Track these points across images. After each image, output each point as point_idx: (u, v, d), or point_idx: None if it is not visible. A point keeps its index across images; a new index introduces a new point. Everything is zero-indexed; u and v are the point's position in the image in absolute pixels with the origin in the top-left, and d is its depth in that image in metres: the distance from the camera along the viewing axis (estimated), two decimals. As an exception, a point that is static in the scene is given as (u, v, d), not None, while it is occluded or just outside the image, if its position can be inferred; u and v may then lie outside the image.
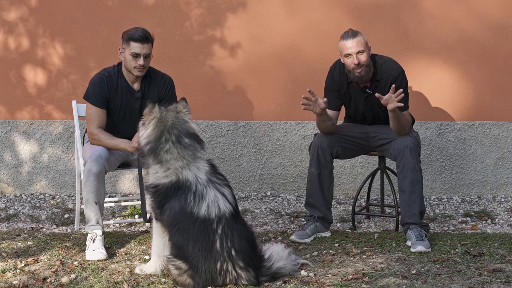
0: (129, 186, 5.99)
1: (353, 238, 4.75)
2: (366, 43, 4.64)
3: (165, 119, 3.89)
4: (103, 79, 4.64)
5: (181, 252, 3.79)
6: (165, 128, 3.87)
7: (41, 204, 5.75)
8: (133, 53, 4.55)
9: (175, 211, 3.79)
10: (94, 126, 4.61)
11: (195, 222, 3.76)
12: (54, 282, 3.94)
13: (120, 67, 4.69)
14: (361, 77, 4.64)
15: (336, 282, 3.84)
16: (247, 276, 3.79)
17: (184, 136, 3.87)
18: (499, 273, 3.95)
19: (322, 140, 4.76)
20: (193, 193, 3.79)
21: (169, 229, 3.86)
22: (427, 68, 5.72)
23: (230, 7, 5.79)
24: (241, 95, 5.87)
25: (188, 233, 3.77)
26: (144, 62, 4.57)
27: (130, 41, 4.56)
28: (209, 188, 3.81)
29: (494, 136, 5.78)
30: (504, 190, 5.79)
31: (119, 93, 4.65)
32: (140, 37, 4.55)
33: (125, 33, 4.63)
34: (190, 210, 3.77)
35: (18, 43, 5.89)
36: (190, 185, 3.79)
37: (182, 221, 3.77)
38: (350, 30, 4.68)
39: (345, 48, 4.63)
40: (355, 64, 4.60)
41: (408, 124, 4.70)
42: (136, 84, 4.68)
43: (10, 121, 5.95)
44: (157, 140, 3.86)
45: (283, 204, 5.72)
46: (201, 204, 3.77)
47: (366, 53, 4.62)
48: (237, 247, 3.77)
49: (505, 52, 5.69)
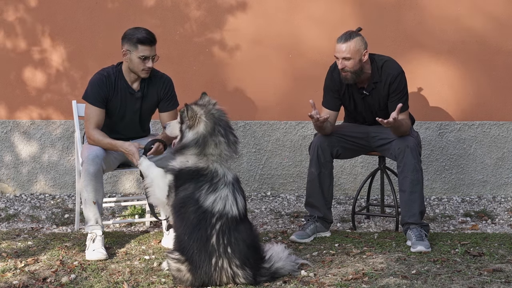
0: (129, 186, 5.99)
1: (353, 238, 4.75)
2: (357, 50, 4.57)
3: (210, 111, 3.92)
4: (102, 79, 4.63)
5: (179, 243, 3.83)
6: (216, 119, 3.90)
7: (41, 204, 5.75)
8: (142, 56, 4.53)
9: (186, 194, 3.83)
10: (92, 127, 4.59)
11: (197, 211, 3.78)
12: (54, 282, 3.94)
13: (120, 67, 4.68)
14: (347, 80, 4.66)
15: (336, 282, 3.84)
16: (244, 274, 3.79)
17: (230, 130, 3.95)
18: (499, 273, 3.95)
19: (322, 140, 4.76)
20: (211, 184, 3.81)
21: (174, 212, 3.89)
22: (427, 68, 5.72)
23: (230, 7, 5.79)
24: (241, 95, 5.87)
25: (187, 221, 3.79)
26: (152, 64, 4.58)
27: (139, 44, 4.52)
28: (226, 187, 3.84)
29: (494, 136, 5.78)
30: (504, 190, 5.79)
31: (119, 93, 4.64)
32: (148, 40, 4.53)
33: (130, 35, 4.56)
34: (197, 197, 3.80)
35: (18, 43, 5.89)
36: (216, 176, 3.83)
37: (186, 205, 3.81)
38: (347, 32, 4.65)
39: (335, 50, 4.65)
40: (340, 68, 4.62)
41: (408, 127, 4.68)
42: (136, 84, 4.67)
43: (10, 121, 5.95)
44: (211, 134, 3.88)
45: (283, 204, 5.72)
46: (210, 195, 3.80)
47: (352, 61, 4.58)
48: (234, 246, 3.77)
49: (505, 52, 5.69)
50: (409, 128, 4.70)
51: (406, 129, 4.65)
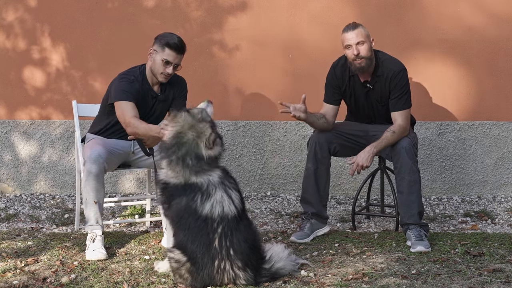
0: (129, 186, 5.99)
1: (353, 238, 4.75)
2: (367, 35, 4.62)
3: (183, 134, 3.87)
4: (132, 82, 4.58)
5: (180, 246, 3.82)
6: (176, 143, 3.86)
7: (41, 204, 5.75)
8: (165, 59, 4.54)
9: (180, 207, 3.82)
10: (129, 115, 4.47)
11: (197, 220, 3.78)
12: (54, 282, 3.93)
13: (144, 69, 4.68)
14: (362, 68, 4.62)
15: (336, 282, 3.84)
16: (245, 276, 3.79)
17: (189, 158, 3.85)
18: (499, 273, 3.95)
19: (320, 135, 4.76)
20: (202, 192, 3.81)
21: (173, 224, 3.89)
22: (427, 67, 5.72)
23: (230, 8, 5.79)
24: (241, 95, 5.87)
25: (189, 229, 3.79)
26: (172, 71, 4.58)
27: (166, 47, 4.53)
28: (218, 189, 3.83)
29: (494, 136, 5.78)
30: (504, 190, 5.79)
31: (143, 97, 4.64)
32: (177, 47, 4.54)
33: (162, 37, 4.58)
34: (194, 207, 3.79)
35: (18, 43, 5.89)
36: (201, 185, 3.82)
37: (186, 217, 3.80)
38: (352, 22, 4.67)
39: (346, 39, 4.63)
40: (355, 55, 4.59)
41: (402, 135, 4.66)
42: (156, 86, 4.70)
43: (10, 121, 5.95)
44: (169, 148, 3.87)
45: (283, 204, 5.72)
46: (206, 203, 3.79)
47: (366, 45, 4.59)
48: (236, 248, 3.77)
49: (505, 52, 5.70)
50: (404, 134, 4.67)
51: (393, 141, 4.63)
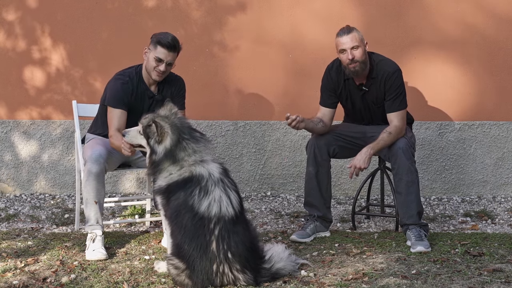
0: (129, 186, 5.99)
1: (353, 238, 4.75)
2: (361, 39, 4.63)
3: (173, 122, 3.91)
4: (125, 83, 4.62)
5: (178, 251, 3.81)
6: (179, 130, 3.90)
7: (41, 204, 5.75)
8: (157, 57, 4.56)
9: (178, 203, 3.81)
10: (113, 128, 4.56)
11: (194, 218, 3.76)
12: (54, 282, 3.93)
13: (140, 69, 4.70)
14: (356, 72, 4.63)
15: (336, 282, 3.84)
16: (244, 278, 3.79)
17: (193, 131, 3.95)
18: (499, 273, 3.95)
19: (318, 138, 4.76)
20: (200, 187, 3.80)
21: (170, 221, 3.88)
22: (427, 67, 5.72)
23: (230, 8, 5.79)
24: (241, 95, 5.87)
25: (186, 230, 3.77)
26: (165, 69, 4.59)
27: (158, 45, 4.56)
28: (217, 187, 3.82)
29: (494, 136, 5.78)
30: (504, 190, 5.79)
31: (139, 97, 4.65)
32: (168, 44, 4.56)
33: (155, 36, 4.62)
34: (191, 204, 3.78)
35: (18, 43, 5.89)
36: (202, 179, 3.82)
37: (182, 213, 3.78)
38: (346, 26, 4.68)
39: (340, 43, 4.64)
40: (349, 59, 4.60)
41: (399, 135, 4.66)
42: (154, 86, 4.71)
43: (10, 121, 5.95)
44: (176, 143, 3.88)
45: (283, 204, 5.72)
46: (204, 200, 3.78)
47: (361, 49, 4.60)
48: (234, 250, 3.75)
49: (505, 52, 5.70)
50: (400, 136, 4.67)
51: (390, 141, 4.63)
